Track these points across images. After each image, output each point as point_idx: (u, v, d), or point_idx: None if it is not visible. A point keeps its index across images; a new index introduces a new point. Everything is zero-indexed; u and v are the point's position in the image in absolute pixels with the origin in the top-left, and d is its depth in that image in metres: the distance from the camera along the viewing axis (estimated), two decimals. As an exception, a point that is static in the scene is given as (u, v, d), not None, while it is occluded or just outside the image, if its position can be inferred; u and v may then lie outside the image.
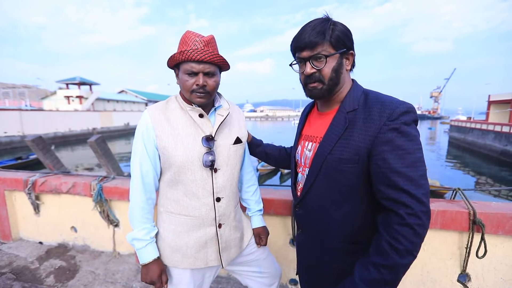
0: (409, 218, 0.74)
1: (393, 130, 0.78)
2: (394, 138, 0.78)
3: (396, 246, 0.75)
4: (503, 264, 1.53)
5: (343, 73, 0.90)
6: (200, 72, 1.00)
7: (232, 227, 1.19)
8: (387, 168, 0.78)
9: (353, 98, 0.89)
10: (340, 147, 0.86)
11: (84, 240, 2.56)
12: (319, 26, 0.84)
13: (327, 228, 0.95)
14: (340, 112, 0.89)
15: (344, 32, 0.86)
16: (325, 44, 0.84)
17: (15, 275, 2.17)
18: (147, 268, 1.07)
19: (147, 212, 1.10)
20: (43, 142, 2.99)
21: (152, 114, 1.07)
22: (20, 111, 23.49)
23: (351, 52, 0.89)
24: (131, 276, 2.16)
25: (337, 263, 0.95)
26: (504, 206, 1.56)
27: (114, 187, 2.26)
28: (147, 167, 1.07)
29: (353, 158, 0.84)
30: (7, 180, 2.57)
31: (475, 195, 9.08)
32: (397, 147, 0.77)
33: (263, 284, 1.34)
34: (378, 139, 0.79)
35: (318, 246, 1.00)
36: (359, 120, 0.84)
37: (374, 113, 0.82)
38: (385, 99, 0.84)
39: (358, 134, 0.83)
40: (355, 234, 0.92)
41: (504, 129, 18.35)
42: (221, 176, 1.11)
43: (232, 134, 1.16)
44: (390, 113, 0.79)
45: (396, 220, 0.76)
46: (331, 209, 0.92)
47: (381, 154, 0.79)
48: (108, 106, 40.72)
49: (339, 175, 0.87)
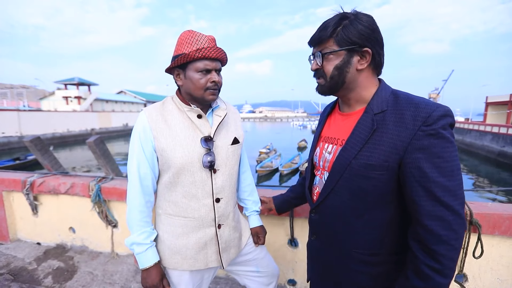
0: (446, 234, 0.70)
1: (429, 136, 0.71)
2: (430, 145, 0.71)
3: (437, 267, 0.70)
4: (500, 265, 1.54)
5: (351, 72, 0.83)
6: (214, 69, 1.02)
7: (231, 227, 1.19)
8: (423, 177, 0.71)
9: (382, 99, 0.82)
10: (367, 151, 0.79)
11: (82, 241, 2.55)
12: (330, 22, 0.81)
13: (345, 236, 0.89)
14: (367, 114, 0.82)
15: (357, 28, 0.78)
16: (329, 41, 0.82)
17: (13, 276, 2.16)
18: (148, 272, 1.06)
19: (146, 216, 1.08)
20: (42, 143, 2.98)
21: (149, 115, 1.05)
22: (18, 112, 23.37)
23: (366, 49, 0.80)
24: (129, 277, 2.16)
25: (354, 274, 0.90)
26: (501, 206, 1.58)
27: (112, 188, 2.26)
28: (145, 170, 1.05)
29: (383, 165, 0.77)
30: (5, 180, 2.56)
31: (472, 196, 9.12)
32: (434, 154, 0.71)
33: (261, 283, 1.35)
34: (412, 145, 0.73)
35: (334, 254, 0.94)
36: (389, 123, 0.77)
37: (407, 116, 0.75)
38: (418, 100, 0.77)
39: (388, 138, 0.76)
40: (375, 245, 0.85)
41: (502, 130, 18.45)
42: (220, 177, 1.11)
43: (229, 135, 1.15)
44: (426, 116, 0.72)
45: (433, 239, 0.71)
46: (351, 217, 0.86)
47: (416, 162, 0.72)
48: (107, 106, 40.62)
49: (364, 182, 0.80)
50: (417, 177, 0.72)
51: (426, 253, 0.72)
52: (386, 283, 0.87)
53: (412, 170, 0.73)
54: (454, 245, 0.70)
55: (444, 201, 0.70)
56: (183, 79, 1.05)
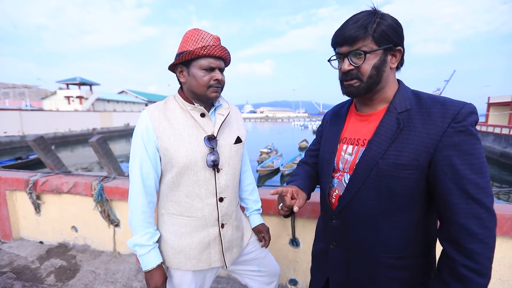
0: (482, 233, 0.68)
1: (460, 133, 0.71)
2: (461, 142, 0.71)
3: (475, 267, 0.68)
4: (501, 265, 1.54)
5: (386, 71, 0.80)
6: (217, 67, 1.03)
7: (234, 226, 1.19)
8: (456, 175, 0.70)
9: (404, 97, 0.82)
10: (395, 151, 0.77)
11: (84, 240, 2.57)
12: (362, 19, 0.77)
13: (373, 241, 0.85)
14: (391, 113, 0.81)
15: (391, 26, 0.77)
16: (367, 39, 0.76)
17: (16, 274, 2.18)
18: (150, 274, 1.05)
19: (149, 216, 1.07)
20: (45, 142, 3.00)
21: (152, 114, 1.04)
22: (20, 111, 23.48)
23: (399, 48, 0.79)
24: (131, 276, 2.17)
25: (382, 280, 0.86)
26: (502, 207, 1.58)
27: (115, 187, 2.27)
28: (148, 169, 1.04)
29: (412, 164, 0.75)
30: (8, 179, 2.58)
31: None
32: (465, 151, 0.70)
33: (262, 282, 1.35)
34: (443, 142, 0.72)
35: (360, 261, 0.89)
36: (417, 122, 0.76)
37: (435, 114, 0.74)
38: (443, 99, 0.77)
39: (416, 137, 0.75)
40: (404, 247, 0.82)
41: (504, 131, 18.36)
42: (223, 176, 1.10)
43: (232, 134, 1.15)
44: (455, 114, 0.72)
45: (469, 237, 0.69)
46: (379, 220, 0.83)
47: (448, 159, 0.71)
48: (108, 106, 40.72)
49: (393, 182, 0.78)
50: (449, 174, 0.71)
51: (462, 253, 0.70)
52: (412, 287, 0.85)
53: (444, 168, 0.72)
54: (489, 243, 0.69)
55: (478, 198, 0.69)
56: (186, 76, 1.04)
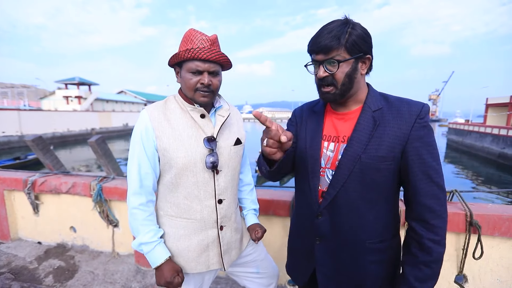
0: (440, 209, 0.83)
1: (423, 127, 0.84)
2: (425, 135, 0.84)
3: (437, 239, 0.83)
4: (500, 266, 1.55)
5: (357, 77, 0.88)
6: (205, 71, 0.99)
7: (233, 229, 1.18)
8: (422, 163, 0.83)
9: (375, 98, 0.92)
10: (374, 145, 0.86)
11: (83, 240, 2.56)
12: (336, 30, 0.83)
13: (358, 230, 0.92)
14: (366, 112, 0.90)
15: (361, 36, 0.84)
16: (340, 49, 0.83)
17: (14, 275, 2.17)
18: (160, 271, 1.03)
19: (150, 214, 1.06)
20: (43, 142, 2.99)
21: (151, 114, 1.03)
22: (18, 111, 23.38)
23: (368, 56, 0.88)
24: (130, 277, 2.16)
25: (364, 265, 0.93)
26: (500, 208, 1.59)
27: (114, 188, 2.27)
28: (146, 169, 1.03)
29: (390, 155, 0.85)
30: (6, 179, 2.57)
31: (472, 197, 9.12)
32: (427, 143, 0.84)
33: (261, 284, 1.34)
34: (412, 135, 0.84)
35: (348, 251, 0.95)
36: (389, 118, 0.87)
37: (404, 112, 0.86)
38: (407, 99, 0.90)
39: (391, 131, 0.86)
40: (384, 231, 0.93)
41: (502, 132, 18.43)
42: (222, 178, 1.10)
43: (232, 135, 1.14)
44: (419, 111, 0.85)
45: (432, 215, 0.83)
46: (364, 210, 0.90)
47: (416, 150, 0.83)
48: (107, 106, 40.64)
49: (376, 174, 0.87)
50: (417, 163, 0.84)
51: (427, 229, 0.83)
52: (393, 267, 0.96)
53: (413, 157, 0.84)
54: (445, 218, 0.84)
55: (437, 182, 0.83)
56: (179, 77, 1.05)
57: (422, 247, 0.84)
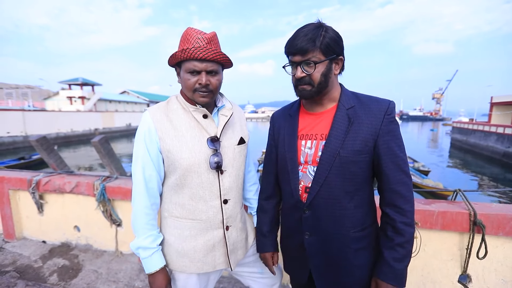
0: (408, 195, 0.93)
1: (391, 122, 0.93)
2: (393, 129, 0.93)
3: (408, 222, 0.92)
4: (504, 266, 1.53)
5: (332, 77, 0.96)
6: (203, 70, 0.97)
7: (238, 228, 1.18)
8: (392, 154, 0.92)
9: (348, 97, 1.00)
10: (351, 140, 0.93)
11: (87, 240, 2.58)
12: (311, 33, 0.89)
13: (342, 221, 0.98)
14: (341, 110, 0.98)
15: (334, 39, 0.91)
16: (316, 51, 0.89)
17: (19, 273, 2.20)
18: (154, 277, 1.03)
19: (152, 218, 1.05)
20: (47, 142, 3.02)
21: (154, 115, 1.02)
22: (23, 112, 23.61)
23: (341, 57, 0.95)
24: (133, 275, 2.18)
25: (353, 253, 0.99)
26: (505, 207, 1.57)
27: (117, 187, 2.28)
28: (150, 171, 1.02)
29: (365, 149, 0.93)
30: (11, 179, 2.60)
31: (476, 196, 9.05)
32: (396, 136, 0.93)
33: (264, 284, 1.34)
34: (382, 130, 0.92)
35: (333, 242, 1.00)
36: (362, 115, 0.95)
37: (373, 109, 0.94)
38: (375, 97, 0.98)
39: (364, 127, 0.93)
40: (365, 219, 1.00)
41: (507, 131, 18.24)
42: (227, 178, 1.09)
43: (235, 135, 1.14)
44: (386, 108, 0.94)
45: (402, 199, 0.92)
46: (344, 201, 0.97)
47: (386, 143, 0.92)
48: (110, 106, 40.88)
49: (354, 166, 0.94)
50: (388, 154, 0.93)
51: (400, 213, 0.92)
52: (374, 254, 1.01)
53: (384, 150, 0.93)
54: (412, 202, 0.94)
55: (405, 170, 0.93)
56: (179, 78, 1.04)
57: (396, 230, 0.93)
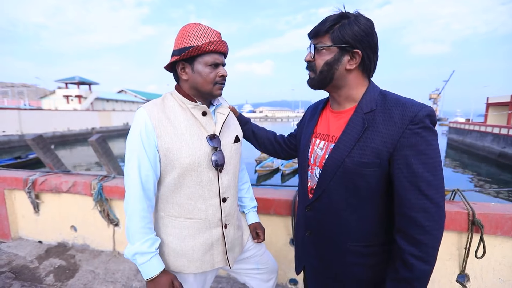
0: (429, 225, 0.75)
1: (416, 134, 0.76)
2: (417, 142, 0.76)
3: (420, 255, 0.76)
4: (502, 265, 1.54)
5: (340, 71, 0.85)
6: (221, 63, 1.01)
7: (235, 226, 1.18)
8: (410, 173, 0.76)
9: (371, 98, 0.86)
10: (360, 149, 0.82)
11: (84, 239, 2.56)
12: (331, 19, 0.84)
13: (341, 231, 0.92)
14: (357, 113, 0.86)
15: (355, 29, 0.80)
16: (325, 36, 0.84)
17: (15, 274, 2.17)
18: (155, 282, 0.96)
19: (149, 222, 0.99)
20: (44, 141, 2.99)
21: (151, 113, 0.97)
22: (18, 110, 23.38)
23: (356, 51, 0.82)
24: (131, 276, 2.16)
25: (351, 266, 0.93)
26: (503, 207, 1.58)
27: (114, 187, 2.26)
28: (147, 171, 0.97)
29: (375, 162, 0.81)
30: (7, 179, 2.56)
31: (474, 196, 9.12)
32: (420, 152, 0.76)
33: (261, 280, 1.35)
34: (401, 143, 0.77)
35: (331, 249, 0.96)
36: (379, 122, 0.81)
37: (395, 115, 0.79)
38: (405, 101, 0.81)
39: (378, 137, 0.80)
40: (370, 237, 0.90)
41: (502, 131, 18.40)
42: (225, 176, 1.08)
43: (232, 133, 1.14)
44: (413, 116, 0.76)
45: (418, 229, 0.76)
46: (346, 213, 0.89)
47: (404, 158, 0.77)
48: (107, 105, 40.66)
49: (358, 179, 0.84)
50: (405, 172, 0.77)
51: (409, 243, 0.77)
52: (380, 273, 0.89)
53: (400, 166, 0.78)
54: (435, 234, 0.76)
55: (428, 194, 0.75)
56: (189, 73, 1.00)
57: (404, 262, 0.78)
